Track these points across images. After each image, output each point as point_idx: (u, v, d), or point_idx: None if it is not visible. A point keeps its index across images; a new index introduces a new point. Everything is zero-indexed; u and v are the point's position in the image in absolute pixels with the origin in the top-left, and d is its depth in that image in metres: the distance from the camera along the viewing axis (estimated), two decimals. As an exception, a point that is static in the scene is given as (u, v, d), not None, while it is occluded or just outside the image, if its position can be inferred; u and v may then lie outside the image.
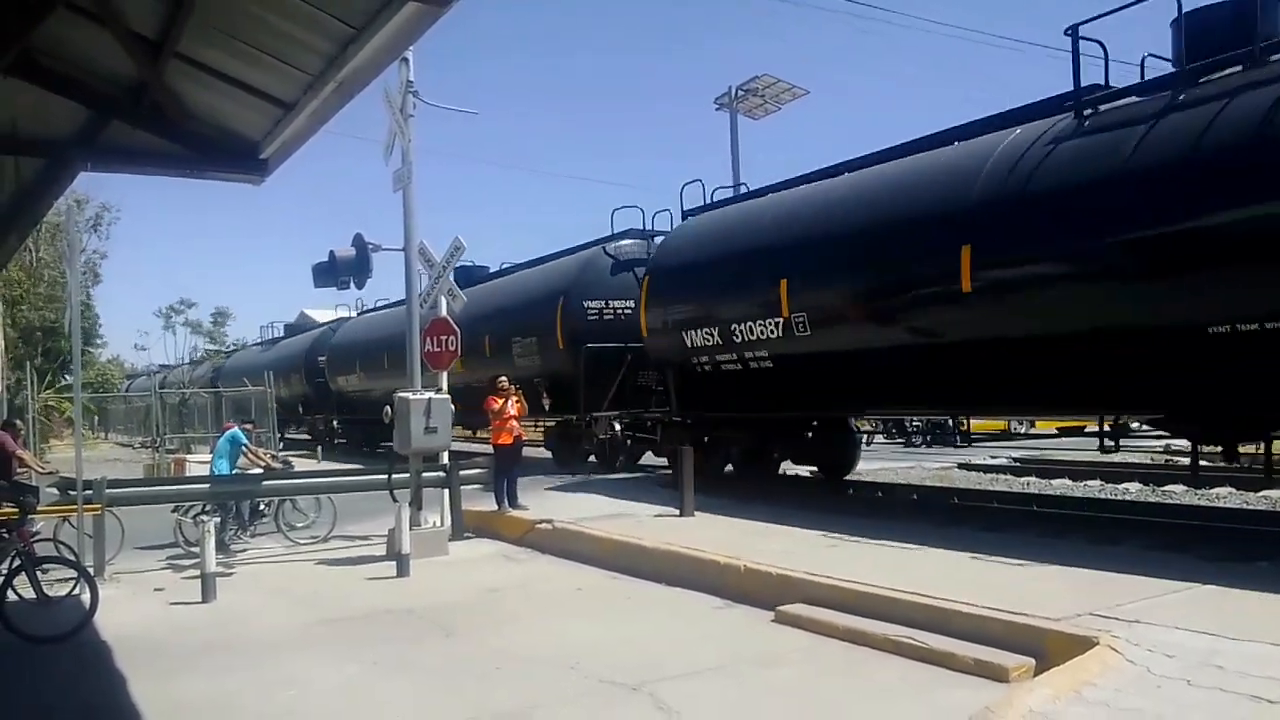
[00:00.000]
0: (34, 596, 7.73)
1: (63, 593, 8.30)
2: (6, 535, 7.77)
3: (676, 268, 14.31)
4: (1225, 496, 12.96)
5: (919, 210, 10.37)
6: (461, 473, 12.25)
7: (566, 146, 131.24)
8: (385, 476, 11.80)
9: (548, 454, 19.43)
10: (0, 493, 10.46)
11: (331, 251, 12.37)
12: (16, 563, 7.72)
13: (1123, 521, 10.28)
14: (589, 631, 7.35)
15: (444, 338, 12.29)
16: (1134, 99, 9.14)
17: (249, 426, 13.09)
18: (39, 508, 10.10)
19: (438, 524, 11.65)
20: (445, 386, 12.15)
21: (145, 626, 7.93)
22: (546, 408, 17.06)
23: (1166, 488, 13.84)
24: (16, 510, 8.10)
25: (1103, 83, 9.58)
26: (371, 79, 5.19)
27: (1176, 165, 8.10)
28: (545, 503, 12.69)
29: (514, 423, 12.59)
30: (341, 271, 12.24)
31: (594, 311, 16.88)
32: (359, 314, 29.55)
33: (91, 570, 9.37)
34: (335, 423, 29.74)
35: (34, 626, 7.37)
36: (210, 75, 5.62)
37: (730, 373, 13.04)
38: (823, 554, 8.64)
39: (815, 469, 15.30)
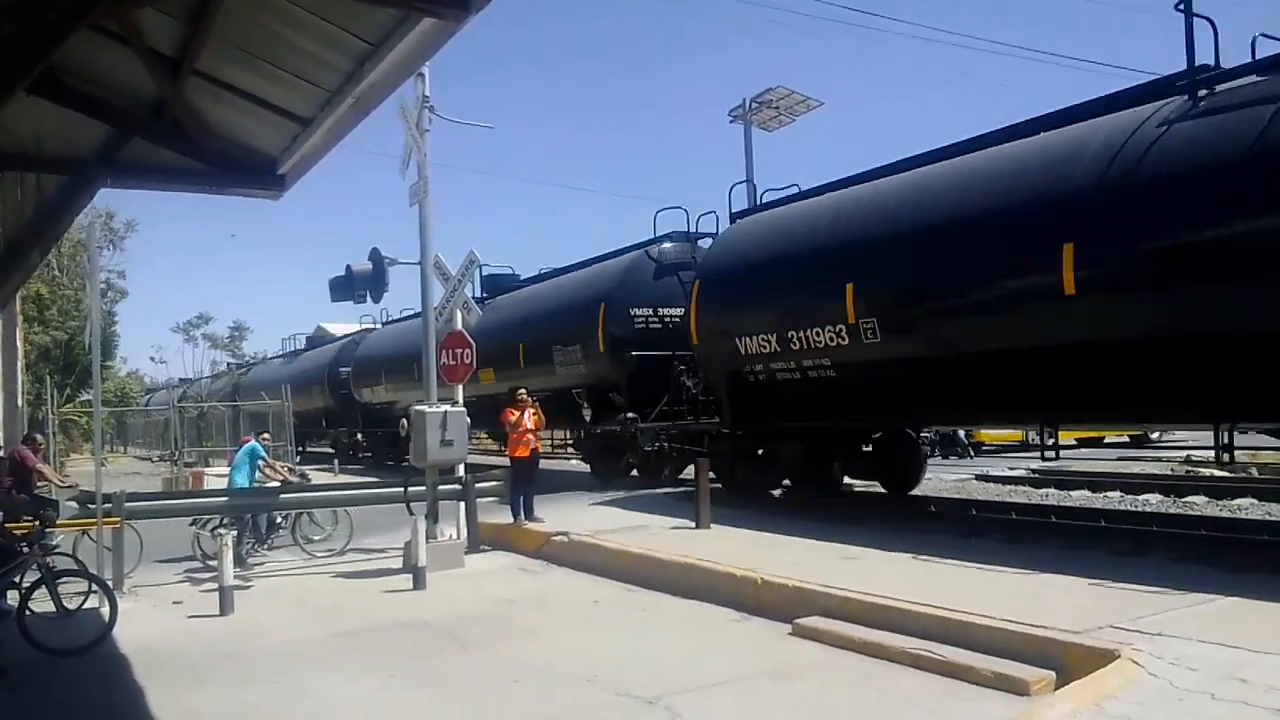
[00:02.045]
0: (53, 610, 7.78)
1: (81, 606, 8.36)
2: (26, 549, 7.83)
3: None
4: (1247, 508, 12.82)
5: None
6: (477, 485, 12.27)
7: (580, 159, 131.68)
8: (402, 489, 11.83)
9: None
10: (21, 506, 10.57)
11: (348, 266, 12.47)
12: (36, 576, 7.77)
13: (1144, 533, 10.18)
14: (605, 644, 7.34)
15: (459, 351, 12.34)
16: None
17: (266, 440, 13.16)
18: (58, 521, 10.21)
19: (454, 537, 11.67)
20: (461, 399, 12.19)
21: (163, 639, 7.96)
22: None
23: (1188, 499, 13.71)
24: (36, 523, 8.16)
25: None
26: (388, 94, 5.24)
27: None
28: (561, 515, 12.69)
29: (531, 435, 12.60)
30: (358, 285, 12.32)
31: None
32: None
33: (110, 583, 9.44)
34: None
35: (53, 639, 7.41)
36: (229, 92, 5.68)
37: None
38: (840, 566, 8.60)
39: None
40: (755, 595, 8.13)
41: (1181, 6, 8.72)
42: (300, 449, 31.50)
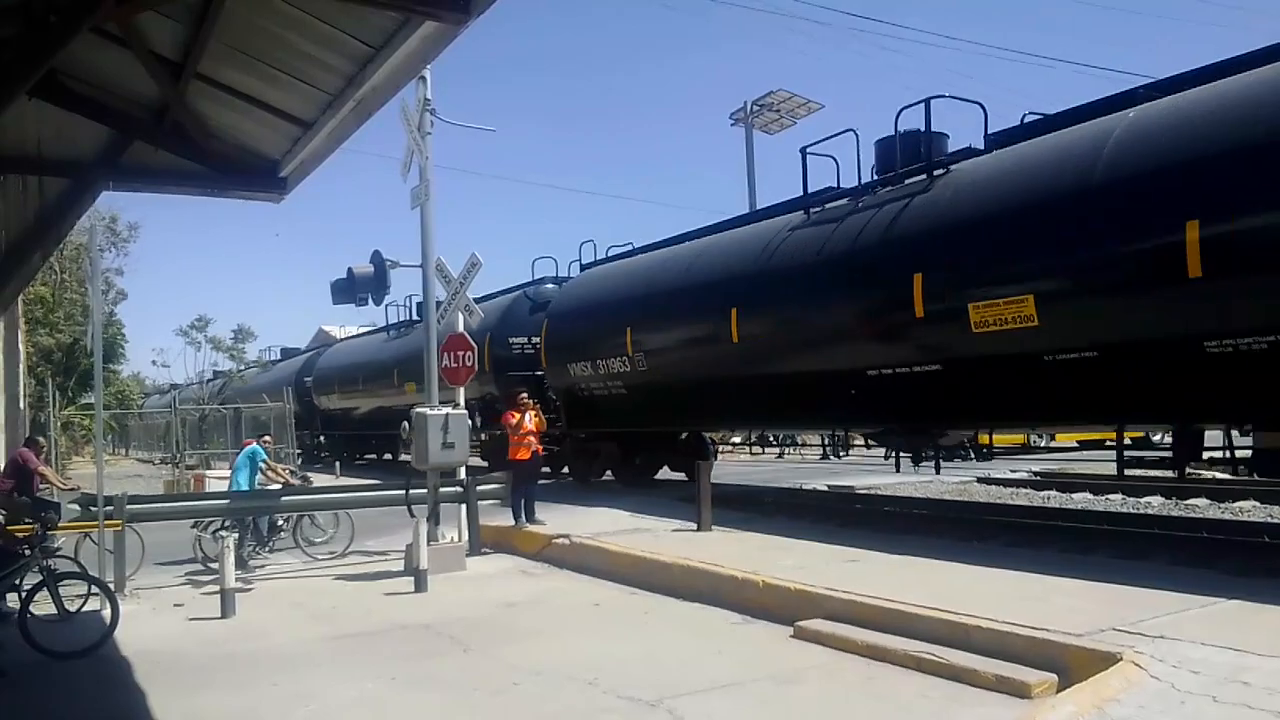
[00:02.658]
0: (53, 612, 7.77)
1: (81, 608, 8.35)
2: (29, 551, 7.83)
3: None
4: (1250, 510, 12.80)
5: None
6: (478, 488, 12.26)
7: (581, 162, 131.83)
8: (403, 492, 11.83)
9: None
10: (23, 509, 10.58)
11: (350, 268, 12.48)
12: (37, 579, 7.77)
13: (1146, 536, 10.17)
14: (607, 647, 7.33)
15: (461, 353, 12.35)
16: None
17: (268, 442, 13.16)
18: (60, 523, 10.21)
19: (455, 539, 11.66)
20: (463, 402, 12.18)
21: (165, 641, 7.96)
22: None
23: (1189, 501, 13.69)
24: (38, 526, 8.16)
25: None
26: (389, 97, 5.25)
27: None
28: (562, 518, 12.68)
29: (532, 438, 12.59)
30: (360, 288, 12.34)
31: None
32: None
33: (112, 586, 9.44)
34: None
35: (55, 641, 7.41)
36: (231, 95, 5.69)
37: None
38: (842, 569, 8.59)
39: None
40: (757, 598, 8.12)
41: (801, 150, 12.39)
42: (300, 451, 32.07)
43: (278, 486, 12.22)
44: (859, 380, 11.08)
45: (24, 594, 7.66)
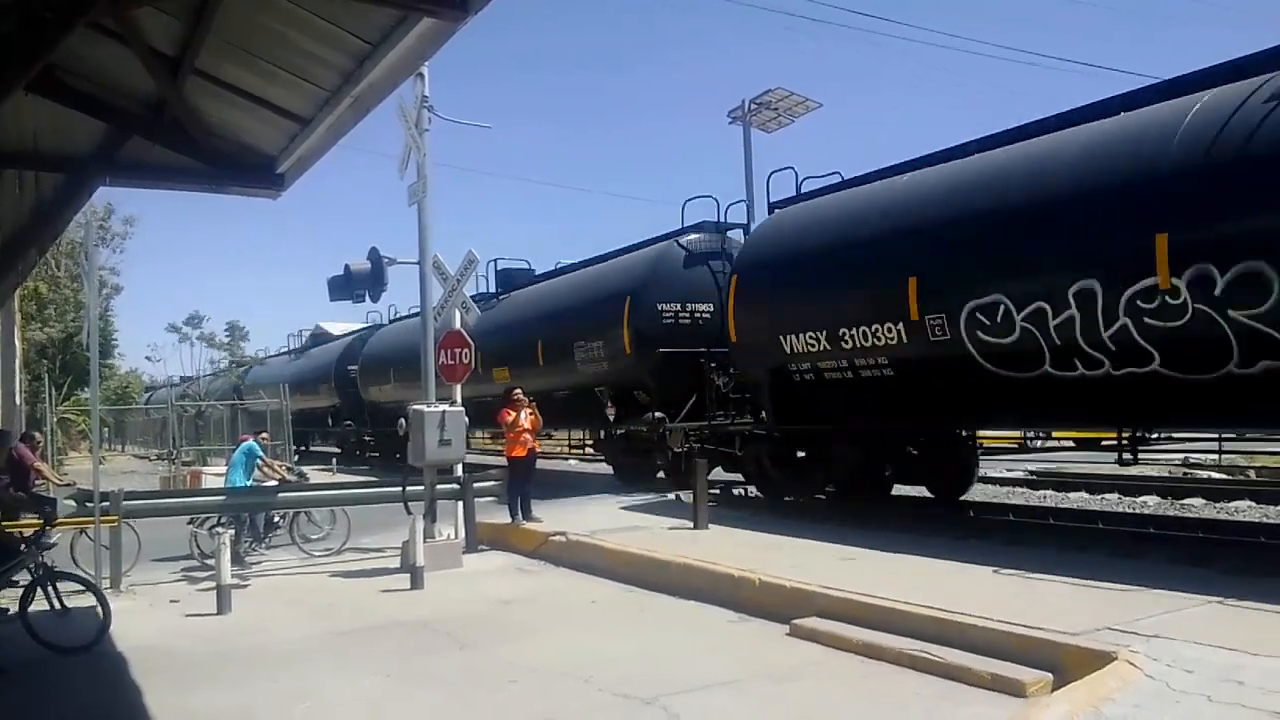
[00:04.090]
0: (48, 608, 7.76)
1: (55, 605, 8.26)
2: (25, 549, 7.82)
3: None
4: (1245, 510, 12.83)
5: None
6: (475, 485, 12.27)
7: (579, 160, 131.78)
8: (399, 489, 11.83)
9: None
10: (19, 504, 10.56)
11: (347, 265, 12.49)
12: (32, 576, 7.75)
13: (1141, 535, 10.19)
14: (603, 644, 7.34)
15: (458, 350, 12.34)
16: None
17: (264, 438, 13.15)
18: (56, 519, 10.19)
19: (452, 536, 11.67)
20: (459, 399, 12.18)
21: (161, 638, 7.96)
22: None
23: (1185, 501, 13.72)
24: (39, 522, 8.13)
25: None
26: (387, 94, 5.24)
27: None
28: (559, 515, 12.69)
29: (528, 435, 12.60)
30: (357, 285, 12.34)
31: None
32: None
33: (107, 583, 9.44)
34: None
35: (57, 637, 7.40)
36: (228, 91, 5.68)
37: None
38: (838, 567, 8.60)
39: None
40: (753, 596, 8.13)
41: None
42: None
43: (274, 483, 12.22)
44: None
45: (24, 590, 7.63)
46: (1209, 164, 7.85)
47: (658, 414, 15.04)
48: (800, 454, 13.21)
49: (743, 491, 14.71)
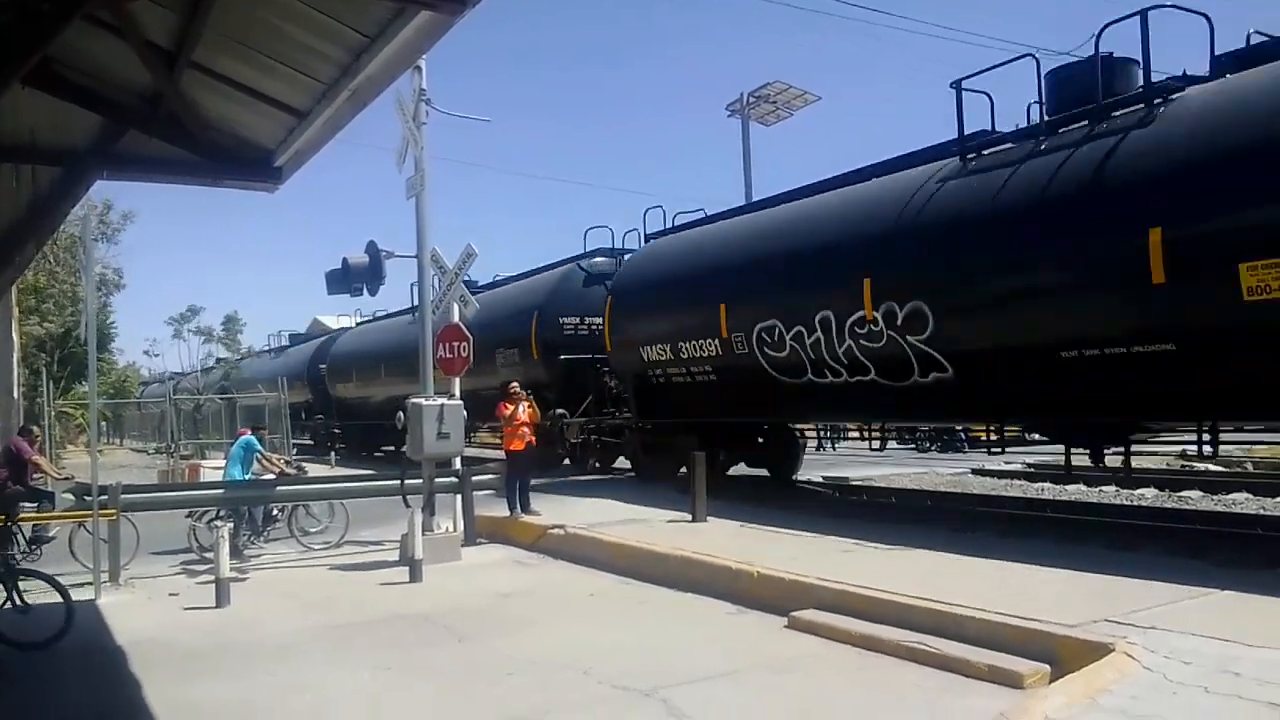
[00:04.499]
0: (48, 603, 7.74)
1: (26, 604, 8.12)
2: None
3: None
4: (1242, 502, 12.87)
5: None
6: (474, 478, 12.27)
7: (578, 154, 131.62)
8: (398, 482, 11.83)
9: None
10: (17, 497, 10.57)
11: (344, 258, 12.48)
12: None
13: (1138, 527, 10.22)
14: (602, 637, 7.35)
15: (456, 344, 12.34)
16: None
17: (263, 432, 13.15)
18: (55, 512, 10.20)
19: (450, 529, 11.68)
20: (458, 392, 12.19)
21: (159, 631, 7.97)
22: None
23: (1182, 493, 13.76)
24: (4, 518, 8.02)
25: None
26: (384, 87, 5.22)
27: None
28: (557, 508, 12.70)
29: (526, 429, 12.61)
30: (355, 278, 12.33)
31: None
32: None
33: (106, 577, 9.44)
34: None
35: (20, 633, 7.25)
36: (225, 84, 5.66)
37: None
38: (836, 559, 8.62)
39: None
40: (752, 588, 8.15)
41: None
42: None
43: (273, 476, 12.22)
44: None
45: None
46: (896, 226, 10.68)
47: (559, 410, 17.40)
48: (659, 442, 15.80)
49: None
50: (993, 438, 11.81)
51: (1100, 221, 8.63)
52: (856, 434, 19.55)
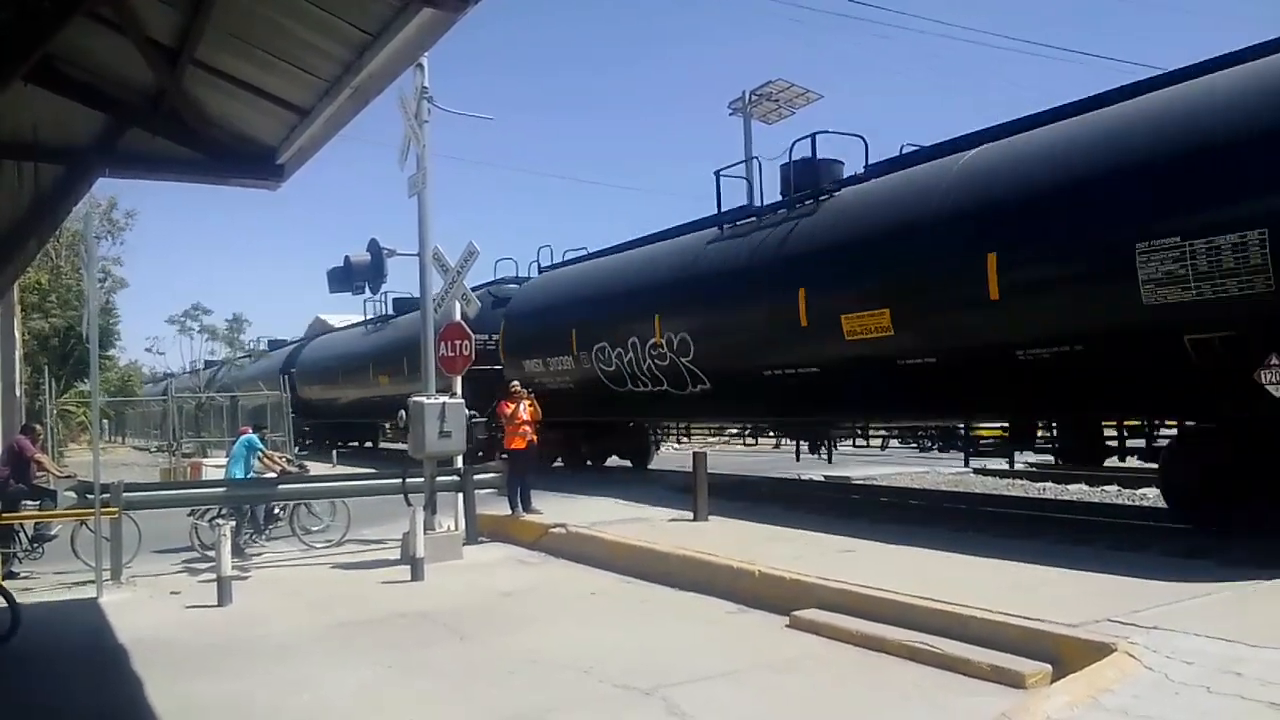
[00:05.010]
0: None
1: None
2: None
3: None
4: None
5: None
6: (475, 477, 12.27)
7: (582, 153, 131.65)
8: (400, 481, 11.83)
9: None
10: (19, 495, 10.57)
11: (346, 257, 12.45)
12: None
13: (1140, 527, 10.19)
14: (603, 635, 7.35)
15: (458, 343, 12.35)
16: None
17: (264, 430, 13.15)
18: (56, 510, 10.21)
19: (452, 528, 11.68)
20: (459, 391, 12.18)
21: (161, 629, 7.97)
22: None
23: (1184, 493, 13.70)
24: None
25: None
26: (387, 85, 5.21)
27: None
28: (559, 507, 12.70)
29: (527, 427, 12.61)
30: (356, 276, 12.31)
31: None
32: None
33: (108, 574, 9.43)
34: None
35: None
36: (228, 82, 5.65)
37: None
38: (838, 559, 8.61)
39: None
40: (753, 587, 8.14)
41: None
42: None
43: (274, 475, 12.22)
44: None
45: None
46: (676, 277, 14.57)
47: (470, 412, 17.70)
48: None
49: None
50: (983, 437, 13.63)
51: (777, 281, 12.24)
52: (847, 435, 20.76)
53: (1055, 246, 9.07)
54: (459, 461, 12.14)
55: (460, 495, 11.95)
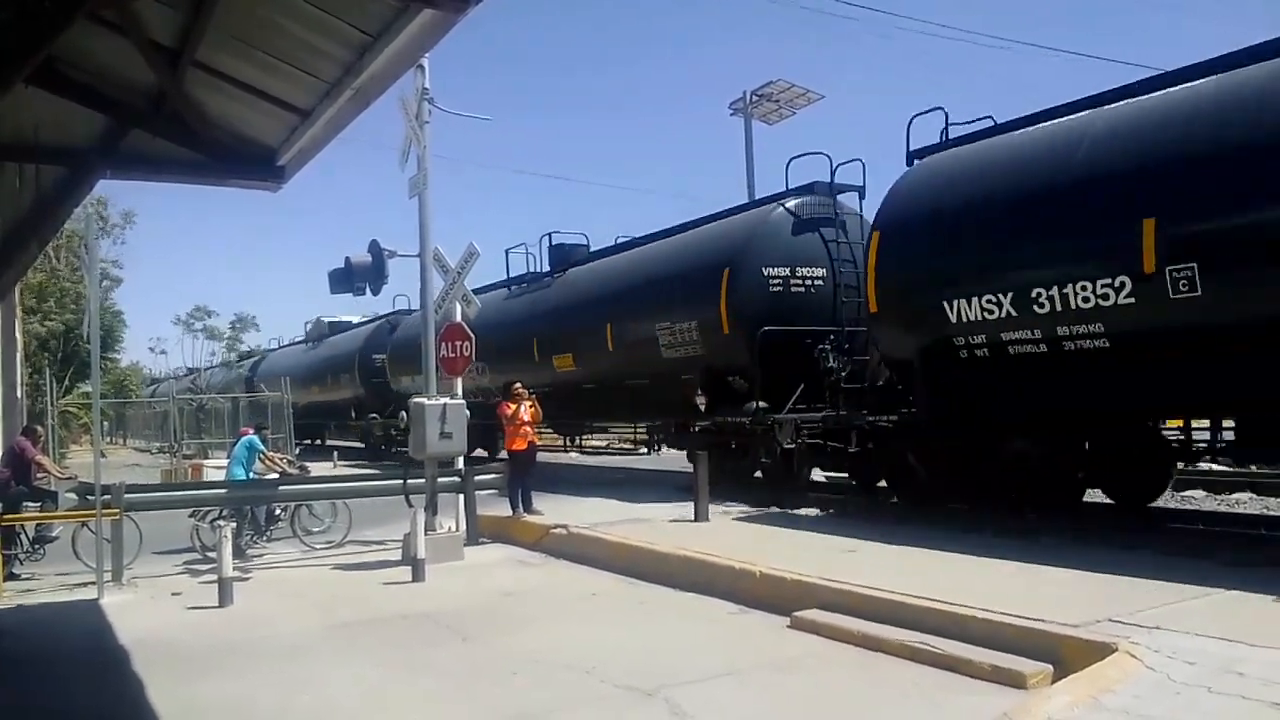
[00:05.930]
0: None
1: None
2: None
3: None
4: (1245, 502, 12.84)
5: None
6: (476, 478, 12.27)
7: (582, 153, 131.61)
8: (401, 481, 11.83)
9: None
10: (20, 497, 10.57)
11: (347, 258, 12.44)
12: None
13: (1141, 527, 10.19)
14: (604, 636, 7.35)
15: (459, 343, 12.33)
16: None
17: (265, 431, 13.15)
18: (57, 512, 10.21)
19: (453, 529, 11.67)
20: (460, 391, 12.18)
21: (163, 631, 7.97)
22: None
23: (1186, 493, 13.71)
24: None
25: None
26: (387, 86, 5.23)
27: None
28: (560, 508, 12.70)
29: (528, 428, 12.61)
30: (357, 277, 12.30)
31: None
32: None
33: (109, 576, 9.45)
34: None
35: None
36: (228, 83, 5.67)
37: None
38: (839, 559, 8.61)
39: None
40: (754, 588, 8.14)
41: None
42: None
43: (275, 476, 12.22)
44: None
45: None
46: (625, 286, 16.49)
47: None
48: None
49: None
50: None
51: (526, 331, 18.66)
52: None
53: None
54: (460, 462, 12.14)
55: (461, 496, 11.95)
